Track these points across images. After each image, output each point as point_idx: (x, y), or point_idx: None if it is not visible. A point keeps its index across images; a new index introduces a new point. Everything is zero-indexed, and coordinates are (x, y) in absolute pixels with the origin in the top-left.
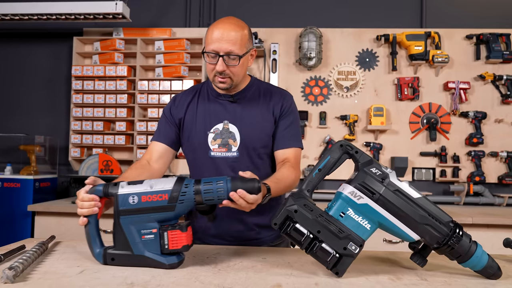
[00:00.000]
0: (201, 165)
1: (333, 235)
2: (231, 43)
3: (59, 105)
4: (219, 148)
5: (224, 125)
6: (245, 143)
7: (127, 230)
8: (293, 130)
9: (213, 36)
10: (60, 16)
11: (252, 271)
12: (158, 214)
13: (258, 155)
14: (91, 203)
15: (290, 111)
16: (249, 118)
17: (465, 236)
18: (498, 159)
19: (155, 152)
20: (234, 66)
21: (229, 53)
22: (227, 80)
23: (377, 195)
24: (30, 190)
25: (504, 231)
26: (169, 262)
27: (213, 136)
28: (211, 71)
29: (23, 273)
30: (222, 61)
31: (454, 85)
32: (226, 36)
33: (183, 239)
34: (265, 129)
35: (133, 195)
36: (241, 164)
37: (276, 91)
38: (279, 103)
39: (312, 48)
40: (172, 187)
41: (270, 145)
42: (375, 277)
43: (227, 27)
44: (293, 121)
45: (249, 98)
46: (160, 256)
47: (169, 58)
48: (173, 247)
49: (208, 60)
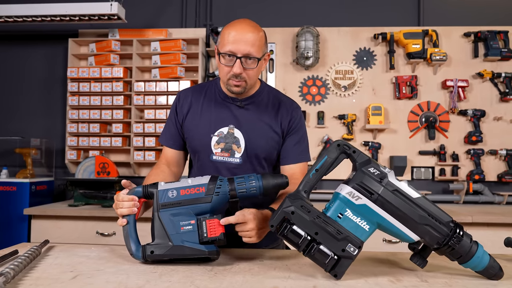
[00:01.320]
0: (201, 168)
1: (331, 236)
2: (249, 44)
3: (54, 108)
4: (222, 153)
5: (229, 130)
6: (249, 151)
7: (166, 223)
8: (302, 146)
9: (230, 37)
10: (55, 17)
11: (249, 274)
12: (196, 206)
13: (260, 164)
14: (130, 203)
15: (299, 126)
16: (256, 126)
17: (465, 236)
18: (498, 157)
19: (170, 157)
20: (252, 69)
21: (247, 55)
22: (242, 84)
23: (375, 195)
24: (26, 193)
25: (504, 230)
26: (209, 249)
27: (216, 140)
28: (226, 74)
29: (14, 279)
30: (240, 63)
31: (452, 83)
32: (244, 37)
33: (220, 228)
34: (271, 139)
35: (172, 190)
36: (242, 171)
37: (285, 101)
38: (287, 115)
39: (309, 48)
40: (208, 181)
41: (274, 155)
42: (374, 279)
43: (245, 28)
44: (302, 136)
45: (258, 104)
46: (199, 245)
47: (165, 59)
48: (211, 235)
49: (223, 62)
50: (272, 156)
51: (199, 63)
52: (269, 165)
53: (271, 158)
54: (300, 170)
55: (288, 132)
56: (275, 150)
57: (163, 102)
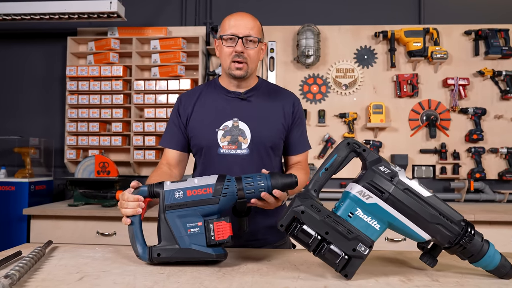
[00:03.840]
0: (210, 163)
1: (342, 236)
2: (249, 27)
3: (53, 107)
4: (229, 145)
5: (233, 123)
6: (255, 141)
7: (173, 225)
8: (304, 136)
9: (231, 22)
10: (54, 15)
11: (257, 274)
12: (203, 207)
13: (267, 153)
14: (135, 203)
15: (301, 116)
16: (260, 116)
17: (477, 235)
18: (498, 155)
19: (171, 159)
20: (252, 49)
21: (247, 36)
22: (244, 66)
23: (386, 194)
24: (25, 193)
25: (507, 228)
26: (217, 252)
27: (222, 133)
28: (228, 56)
29: (19, 281)
30: (241, 43)
31: (453, 81)
32: (244, 22)
33: (228, 230)
34: (275, 127)
35: (179, 190)
36: (250, 161)
37: (284, 92)
38: (290, 106)
39: (310, 46)
40: (215, 182)
41: (280, 144)
42: (385, 279)
43: (244, 15)
44: (304, 126)
45: (259, 95)
46: (207, 248)
47: (165, 57)
48: (219, 237)
49: (225, 44)
50: (278, 145)
51: (199, 62)
52: (275, 154)
53: (277, 147)
54: (305, 158)
55: (293, 123)
56: (280, 138)
57: (163, 100)
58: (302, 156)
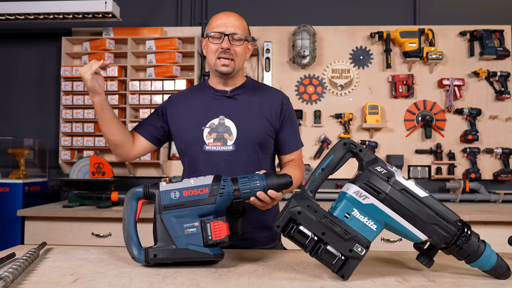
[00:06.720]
0: (195, 160)
1: (338, 237)
2: (235, 26)
3: (48, 107)
4: (214, 142)
5: (220, 120)
6: (241, 137)
7: (169, 225)
8: (296, 133)
9: (217, 19)
10: (48, 15)
11: (254, 275)
12: (199, 208)
13: (254, 150)
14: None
15: (292, 114)
16: (246, 113)
17: (473, 235)
18: (493, 156)
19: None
20: (239, 46)
21: (233, 33)
22: (230, 63)
23: (383, 194)
24: (20, 194)
25: (502, 228)
26: (214, 252)
27: (208, 131)
28: (215, 52)
29: (13, 283)
30: (227, 40)
31: (448, 82)
32: (231, 21)
33: (225, 230)
34: (261, 123)
35: (175, 191)
36: (236, 158)
37: (271, 89)
38: (277, 101)
39: (306, 46)
40: (211, 182)
41: (268, 141)
42: (381, 280)
43: (230, 15)
44: (295, 124)
45: (245, 93)
46: (204, 248)
47: (160, 57)
48: (216, 237)
49: (212, 41)
50: (267, 142)
51: (195, 62)
52: (264, 152)
53: (266, 144)
54: (299, 156)
55: (283, 121)
56: (268, 135)
57: (158, 101)
58: (296, 154)
